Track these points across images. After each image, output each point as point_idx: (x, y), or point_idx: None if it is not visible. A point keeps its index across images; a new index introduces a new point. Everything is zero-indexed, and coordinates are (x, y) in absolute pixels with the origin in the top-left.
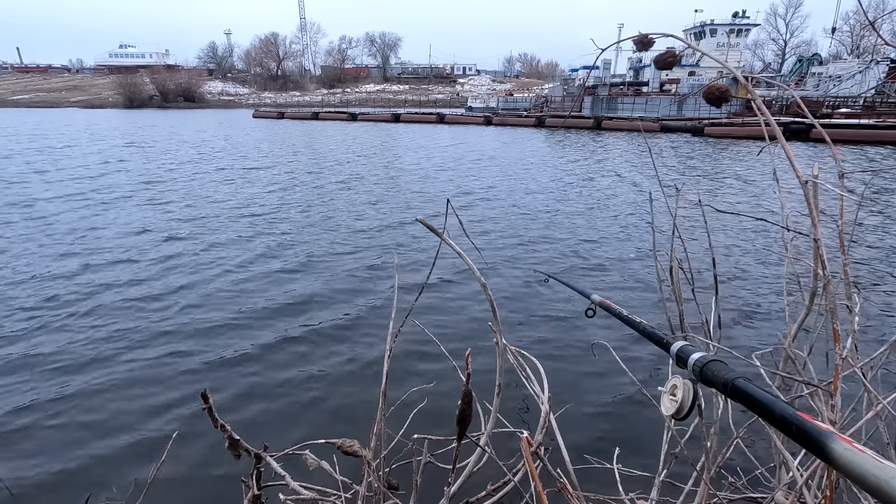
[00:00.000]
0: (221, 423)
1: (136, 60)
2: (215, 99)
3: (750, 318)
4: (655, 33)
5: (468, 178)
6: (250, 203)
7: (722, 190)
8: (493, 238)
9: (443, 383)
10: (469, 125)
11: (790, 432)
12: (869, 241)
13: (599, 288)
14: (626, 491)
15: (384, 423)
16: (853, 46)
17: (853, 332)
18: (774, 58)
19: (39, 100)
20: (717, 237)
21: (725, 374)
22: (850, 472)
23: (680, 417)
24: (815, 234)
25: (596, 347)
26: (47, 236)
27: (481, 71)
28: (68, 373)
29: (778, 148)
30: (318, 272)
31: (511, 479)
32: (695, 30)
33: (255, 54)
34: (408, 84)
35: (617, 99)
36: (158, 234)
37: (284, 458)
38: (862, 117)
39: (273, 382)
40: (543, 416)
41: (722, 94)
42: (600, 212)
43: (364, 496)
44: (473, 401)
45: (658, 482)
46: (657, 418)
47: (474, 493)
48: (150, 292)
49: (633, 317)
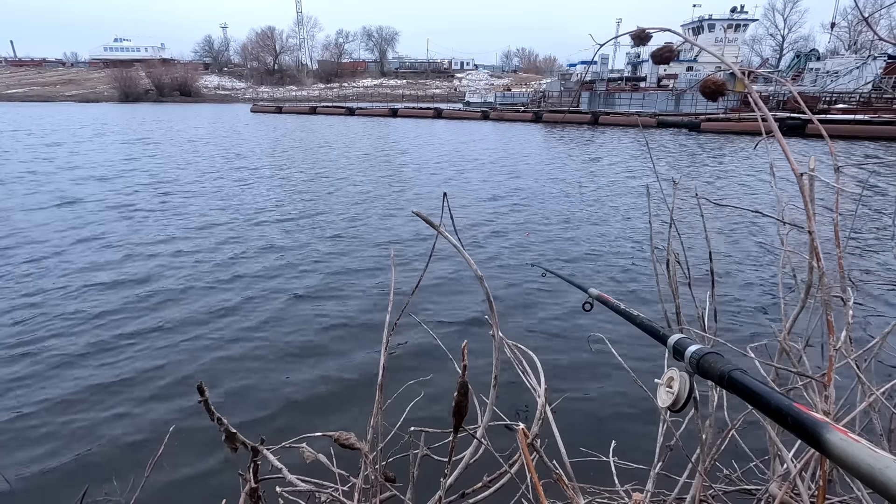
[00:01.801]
0: (218, 417)
1: (132, 54)
2: (211, 93)
3: (746, 310)
4: (653, 28)
5: (465, 172)
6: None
7: (718, 183)
8: (490, 232)
9: (439, 376)
10: (466, 120)
11: (786, 423)
12: (864, 234)
13: (596, 281)
14: (622, 483)
15: (381, 415)
16: (851, 42)
17: (847, 325)
18: (772, 53)
19: (34, 94)
20: (713, 230)
21: (722, 366)
22: (844, 462)
23: (676, 410)
24: (810, 227)
25: (592, 340)
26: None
27: (479, 66)
28: (65, 367)
29: (774, 143)
30: (313, 266)
31: (507, 471)
32: (693, 25)
33: (251, 48)
34: (405, 79)
35: (614, 94)
36: (154, 235)
37: (281, 451)
38: (859, 113)
39: (270, 376)
40: (540, 408)
41: (718, 88)
42: (597, 206)
43: (361, 488)
44: (470, 393)
45: (653, 474)
46: (652, 411)
47: (471, 485)
48: (143, 288)
49: (630, 310)
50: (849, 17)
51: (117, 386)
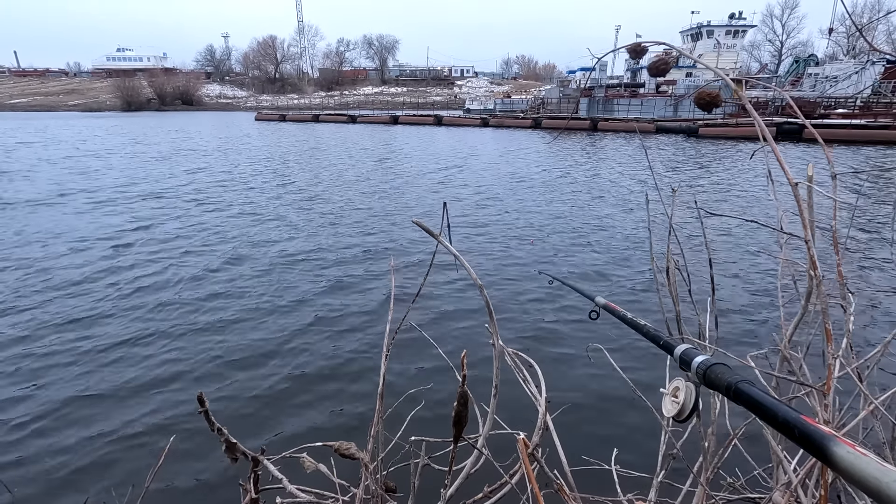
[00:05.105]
0: (218, 427)
1: (134, 63)
2: (213, 102)
3: (747, 318)
4: (649, 41)
5: (465, 178)
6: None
7: (716, 190)
8: (492, 238)
9: (440, 385)
10: (466, 127)
11: (793, 436)
12: (864, 241)
13: (601, 287)
14: (624, 492)
15: (381, 425)
16: (849, 47)
17: (848, 333)
18: (771, 59)
19: (37, 103)
20: (713, 237)
21: (728, 377)
22: (851, 475)
23: (681, 419)
24: (807, 236)
25: (596, 350)
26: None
27: (479, 73)
28: (66, 374)
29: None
30: (314, 276)
31: (508, 482)
32: (692, 31)
33: (252, 57)
34: (406, 86)
35: (613, 100)
36: (151, 235)
37: (282, 462)
38: (858, 118)
39: (270, 385)
40: (540, 417)
41: (713, 100)
42: (598, 212)
43: (362, 499)
44: (470, 402)
45: (656, 483)
46: (655, 419)
47: (472, 495)
48: (145, 295)
49: (636, 319)
50: (847, 22)
51: (117, 395)
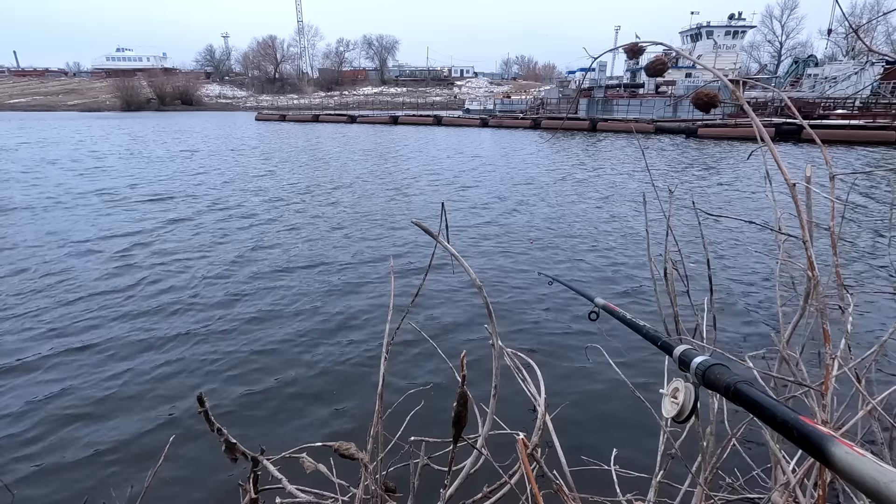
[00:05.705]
0: (218, 427)
1: (133, 63)
2: (213, 102)
3: (745, 318)
4: (646, 41)
5: (464, 179)
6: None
7: (714, 190)
8: (491, 239)
9: (440, 385)
10: (466, 127)
11: (792, 436)
12: (860, 241)
13: (600, 288)
14: (623, 492)
15: (381, 425)
16: (849, 48)
17: (846, 333)
18: (770, 59)
19: (37, 103)
20: (711, 238)
21: (728, 378)
22: (850, 475)
23: (681, 420)
24: (804, 236)
25: (594, 350)
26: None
27: (479, 73)
28: (66, 374)
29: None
30: (313, 276)
31: (507, 482)
32: (691, 32)
33: (252, 57)
34: (405, 86)
35: (613, 101)
36: (148, 237)
37: (282, 462)
38: (857, 118)
39: (269, 386)
40: (540, 417)
41: (710, 100)
42: (598, 212)
43: (361, 499)
44: (470, 403)
45: (655, 483)
46: (654, 420)
47: (471, 495)
48: (145, 296)
49: (636, 320)
50: (846, 23)
51: (117, 395)
